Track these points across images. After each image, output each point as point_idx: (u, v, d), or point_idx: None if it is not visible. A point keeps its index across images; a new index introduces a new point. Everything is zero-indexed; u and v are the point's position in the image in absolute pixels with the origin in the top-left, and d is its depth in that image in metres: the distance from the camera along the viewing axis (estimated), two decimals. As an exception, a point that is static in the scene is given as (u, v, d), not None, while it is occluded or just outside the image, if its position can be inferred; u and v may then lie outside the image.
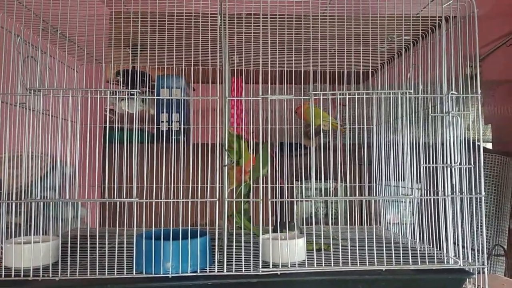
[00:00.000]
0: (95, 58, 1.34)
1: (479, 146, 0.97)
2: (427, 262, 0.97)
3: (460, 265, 0.96)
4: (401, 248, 0.96)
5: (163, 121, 1.86)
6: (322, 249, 1.06)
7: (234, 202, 1.10)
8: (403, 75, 1.11)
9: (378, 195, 1.30)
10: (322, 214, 1.98)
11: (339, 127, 1.23)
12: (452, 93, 0.96)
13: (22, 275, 0.88)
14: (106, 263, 0.92)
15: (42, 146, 1.03)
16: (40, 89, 0.94)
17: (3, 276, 0.88)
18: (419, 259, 0.97)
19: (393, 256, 0.96)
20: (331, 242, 1.09)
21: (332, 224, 1.14)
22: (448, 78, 0.99)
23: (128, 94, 0.95)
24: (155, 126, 1.83)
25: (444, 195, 0.98)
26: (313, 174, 0.98)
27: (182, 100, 1.80)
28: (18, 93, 0.98)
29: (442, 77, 0.99)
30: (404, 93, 0.98)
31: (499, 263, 1.93)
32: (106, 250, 0.95)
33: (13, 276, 0.88)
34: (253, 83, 1.37)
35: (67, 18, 0.98)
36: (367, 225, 1.29)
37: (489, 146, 2.35)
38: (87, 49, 1.25)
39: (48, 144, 1.07)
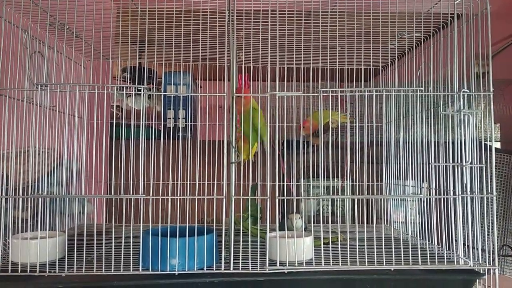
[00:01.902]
0: (102, 54, 1.33)
1: (490, 145, 0.96)
2: (436, 262, 0.96)
3: (470, 266, 0.95)
4: (410, 247, 0.95)
5: (169, 118, 1.85)
6: (330, 242, 1.05)
7: (241, 200, 1.09)
8: (413, 72, 1.10)
9: (387, 193, 1.29)
10: (328, 212, 1.97)
11: (348, 119, 1.21)
12: (464, 91, 0.95)
13: (28, 270, 0.88)
14: (113, 259, 0.91)
15: (49, 142, 1.03)
16: (47, 84, 0.94)
17: (9, 271, 0.88)
18: (428, 259, 0.96)
19: (402, 255, 0.95)
20: (339, 236, 1.08)
21: (338, 222, 1.13)
22: (459, 76, 0.98)
23: (134, 90, 0.94)
24: (162, 123, 1.82)
25: (455, 194, 0.97)
26: (321, 172, 0.97)
27: (189, 96, 1.80)
28: (25, 88, 0.97)
29: (453, 74, 0.98)
30: (415, 90, 0.96)
31: (507, 263, 1.91)
32: (113, 246, 0.95)
33: (19, 271, 0.88)
34: (260, 80, 1.36)
35: (75, 13, 0.97)
36: (375, 223, 1.28)
37: (497, 145, 2.33)
38: (94, 45, 1.25)
39: (55, 140, 1.07)
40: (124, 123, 1.16)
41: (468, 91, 0.96)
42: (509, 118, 2.24)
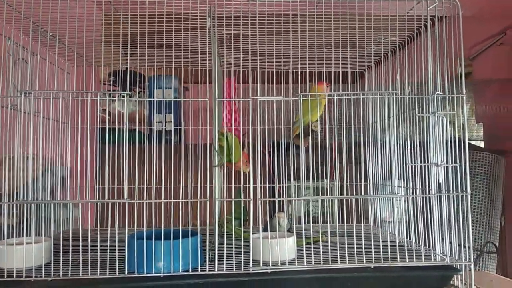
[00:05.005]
0: (87, 60, 1.34)
1: (465, 144, 0.99)
2: (415, 259, 0.98)
3: (447, 262, 0.98)
4: (389, 245, 0.97)
5: (158, 122, 1.86)
6: (312, 243, 1.07)
7: (225, 203, 1.11)
8: (390, 75, 1.13)
9: (368, 193, 1.32)
10: (318, 212, 1.99)
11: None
12: (438, 94, 0.98)
13: (15, 276, 0.89)
14: (98, 263, 0.93)
15: (35, 148, 1.04)
16: (31, 92, 0.95)
17: (-5, 276, 0.89)
18: (407, 256, 0.99)
19: (381, 253, 0.98)
20: (320, 237, 1.10)
21: (325, 222, 1.15)
22: (434, 78, 1.01)
23: (119, 96, 0.95)
24: (153, 127, 1.83)
25: (431, 193, 1.00)
26: (303, 173, 1.00)
27: (174, 100, 1.81)
28: (9, 95, 0.98)
29: (428, 77, 1.01)
30: (390, 94, 0.99)
31: (491, 260, 1.95)
32: (98, 250, 0.96)
33: (5, 276, 0.89)
34: (247, 83, 1.38)
35: (67, 21, 0.98)
36: (356, 223, 1.31)
37: (481, 144, 2.37)
38: (80, 50, 1.26)
39: (40, 146, 1.08)
40: (115, 127, 1.17)
41: (442, 93, 0.99)
42: (492, 117, 2.28)
